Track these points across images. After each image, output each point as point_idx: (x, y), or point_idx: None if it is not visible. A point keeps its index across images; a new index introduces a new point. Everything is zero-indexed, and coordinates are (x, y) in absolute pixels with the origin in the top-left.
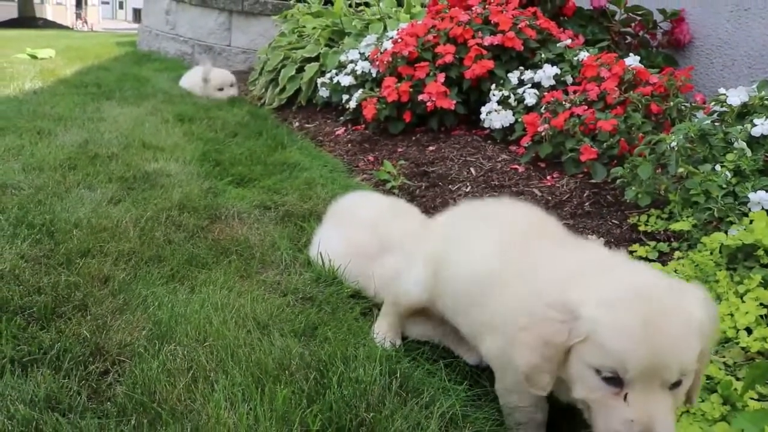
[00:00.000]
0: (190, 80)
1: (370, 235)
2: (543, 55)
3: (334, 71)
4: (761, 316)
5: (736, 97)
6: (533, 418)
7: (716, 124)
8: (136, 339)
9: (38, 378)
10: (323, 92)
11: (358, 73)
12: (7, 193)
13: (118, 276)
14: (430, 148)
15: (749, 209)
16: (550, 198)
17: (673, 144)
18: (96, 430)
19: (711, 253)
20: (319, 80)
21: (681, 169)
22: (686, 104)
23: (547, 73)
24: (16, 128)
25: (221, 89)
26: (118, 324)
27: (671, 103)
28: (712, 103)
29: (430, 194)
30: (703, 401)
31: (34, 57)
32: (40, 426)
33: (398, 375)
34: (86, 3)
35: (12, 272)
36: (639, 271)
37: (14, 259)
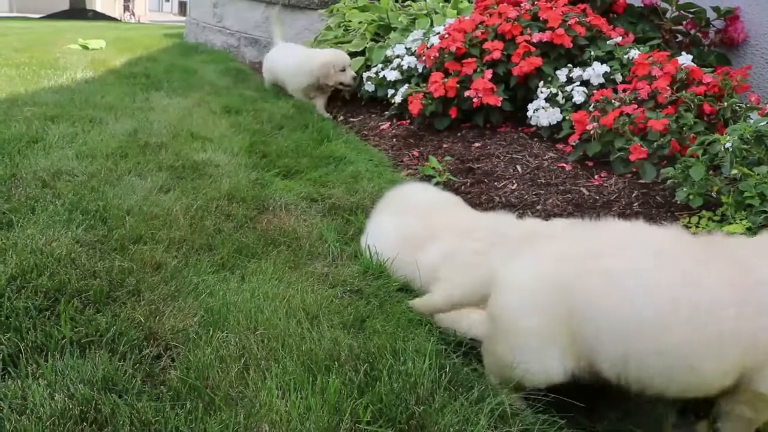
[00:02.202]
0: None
1: (421, 223)
2: (592, 53)
3: (379, 66)
4: None
5: None
6: None
7: None
8: (188, 325)
9: (96, 360)
10: (368, 86)
11: (404, 68)
12: (62, 179)
13: (169, 263)
14: (476, 144)
15: None
16: (597, 197)
17: (728, 145)
18: (152, 413)
19: None
20: (365, 74)
21: (735, 171)
22: (741, 105)
23: (596, 71)
24: (69, 116)
25: (343, 69)
26: (170, 310)
27: (725, 104)
28: None
29: (475, 191)
30: None
31: (85, 47)
32: (99, 406)
33: (447, 370)
34: None
35: (68, 256)
36: None
37: (70, 244)
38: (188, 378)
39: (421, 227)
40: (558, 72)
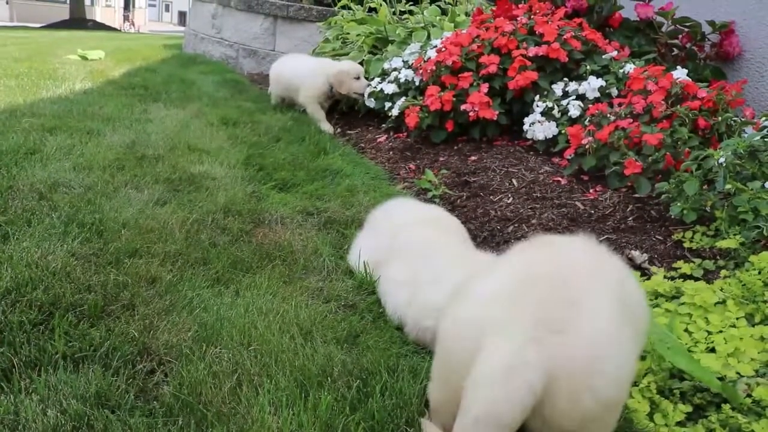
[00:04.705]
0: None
1: (386, 242)
2: (588, 67)
3: (377, 78)
4: None
5: None
6: None
7: (766, 140)
8: (182, 340)
9: (89, 375)
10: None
11: (401, 80)
12: (59, 191)
13: (164, 277)
14: (472, 157)
15: None
16: (592, 212)
17: (722, 160)
18: (145, 429)
19: (759, 273)
20: None
21: (729, 186)
22: (736, 119)
23: (592, 85)
24: (67, 127)
25: (357, 78)
26: (164, 325)
27: (719, 118)
28: (763, 119)
29: (471, 204)
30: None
31: (84, 58)
32: (91, 422)
33: None
34: (134, 5)
35: (63, 269)
36: None
37: (65, 257)
38: (181, 394)
39: (385, 247)
40: (554, 86)
